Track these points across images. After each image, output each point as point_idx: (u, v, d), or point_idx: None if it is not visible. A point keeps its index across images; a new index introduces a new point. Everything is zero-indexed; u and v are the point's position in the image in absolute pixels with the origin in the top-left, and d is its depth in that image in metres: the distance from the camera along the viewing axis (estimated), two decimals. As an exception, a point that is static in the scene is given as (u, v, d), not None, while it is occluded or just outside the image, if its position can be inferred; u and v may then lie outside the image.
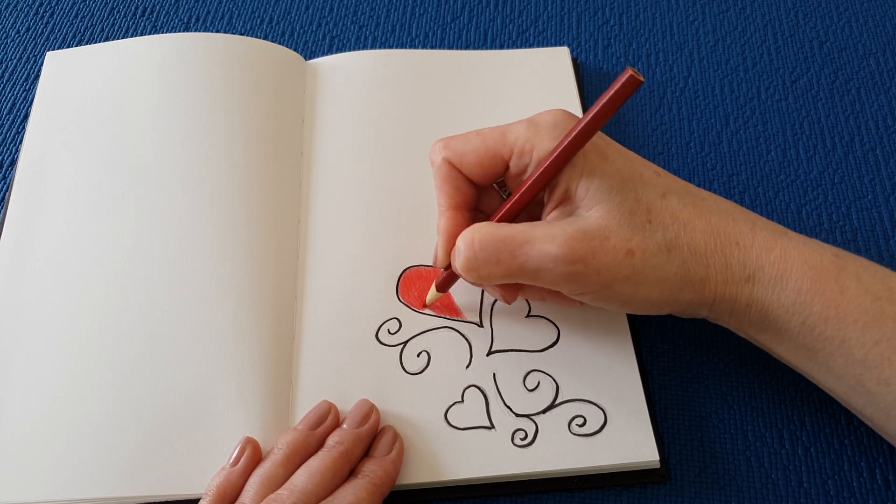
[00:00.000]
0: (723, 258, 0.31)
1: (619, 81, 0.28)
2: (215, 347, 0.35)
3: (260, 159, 0.41)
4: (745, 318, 0.32)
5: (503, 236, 0.31)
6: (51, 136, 0.43)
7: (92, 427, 0.34)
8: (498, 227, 0.32)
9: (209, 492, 0.31)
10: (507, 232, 0.31)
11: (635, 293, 0.31)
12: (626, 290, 0.31)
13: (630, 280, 0.31)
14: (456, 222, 0.34)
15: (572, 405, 0.35)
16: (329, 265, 0.39)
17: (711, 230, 0.31)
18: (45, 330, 0.36)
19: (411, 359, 0.36)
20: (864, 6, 0.53)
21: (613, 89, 0.28)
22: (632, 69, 0.28)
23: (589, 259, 0.30)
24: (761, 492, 0.34)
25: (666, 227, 0.31)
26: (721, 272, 0.31)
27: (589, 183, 0.31)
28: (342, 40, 0.51)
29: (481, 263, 0.32)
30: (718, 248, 0.31)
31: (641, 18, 0.53)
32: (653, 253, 0.30)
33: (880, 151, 0.46)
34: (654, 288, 0.31)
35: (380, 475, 0.31)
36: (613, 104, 0.29)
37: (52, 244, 0.39)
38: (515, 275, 0.31)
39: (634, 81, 0.28)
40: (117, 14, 0.53)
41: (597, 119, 0.29)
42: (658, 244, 0.31)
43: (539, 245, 0.30)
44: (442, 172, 0.34)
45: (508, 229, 0.31)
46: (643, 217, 0.31)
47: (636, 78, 0.28)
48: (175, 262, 0.38)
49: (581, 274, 0.30)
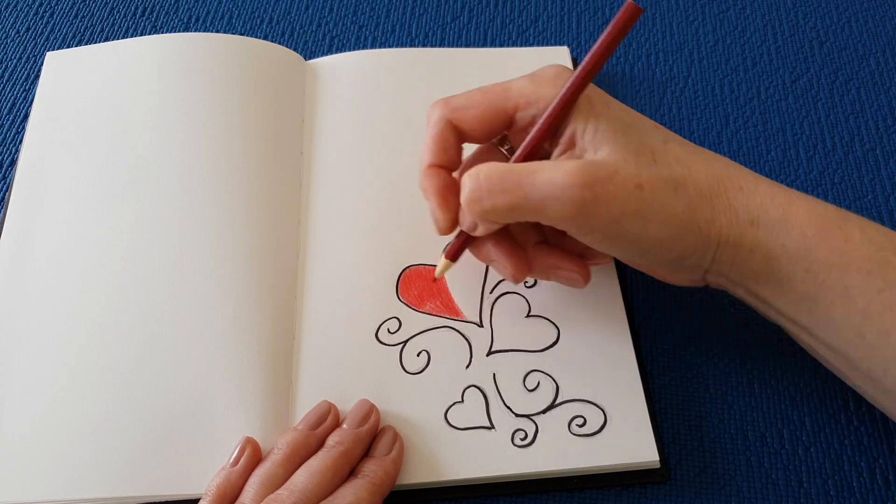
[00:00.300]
0: (727, 200, 0.31)
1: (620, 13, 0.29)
2: (215, 347, 0.35)
3: (260, 159, 0.41)
4: (746, 268, 0.31)
5: (510, 167, 0.31)
6: (51, 136, 0.43)
7: (92, 427, 0.34)
8: (506, 163, 0.31)
9: (209, 492, 0.31)
10: (514, 165, 0.31)
11: (644, 230, 0.30)
12: (635, 227, 0.30)
13: (639, 214, 0.30)
14: (442, 179, 0.33)
15: (572, 405, 0.35)
16: (329, 265, 0.39)
17: (714, 174, 0.31)
18: (46, 330, 0.36)
19: (411, 358, 0.36)
20: (864, 6, 0.53)
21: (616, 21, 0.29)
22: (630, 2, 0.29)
23: (597, 187, 0.29)
24: (761, 492, 0.34)
25: (671, 167, 0.31)
26: (725, 213, 0.31)
27: (596, 125, 0.31)
28: (342, 40, 0.51)
29: (486, 193, 0.30)
30: (722, 190, 0.31)
31: (641, 18, 0.53)
32: (660, 188, 0.30)
33: (880, 151, 0.46)
34: (662, 225, 0.30)
35: (380, 475, 0.31)
36: (617, 35, 0.30)
37: (52, 244, 0.39)
38: (521, 206, 0.30)
39: (635, 10, 0.29)
40: (117, 14, 0.53)
41: (601, 52, 0.30)
42: (665, 180, 0.31)
43: (547, 173, 0.30)
44: (436, 129, 0.33)
45: (513, 164, 0.31)
46: (648, 156, 0.31)
47: (636, 7, 0.28)
48: (175, 262, 0.38)
49: (589, 202, 0.29)
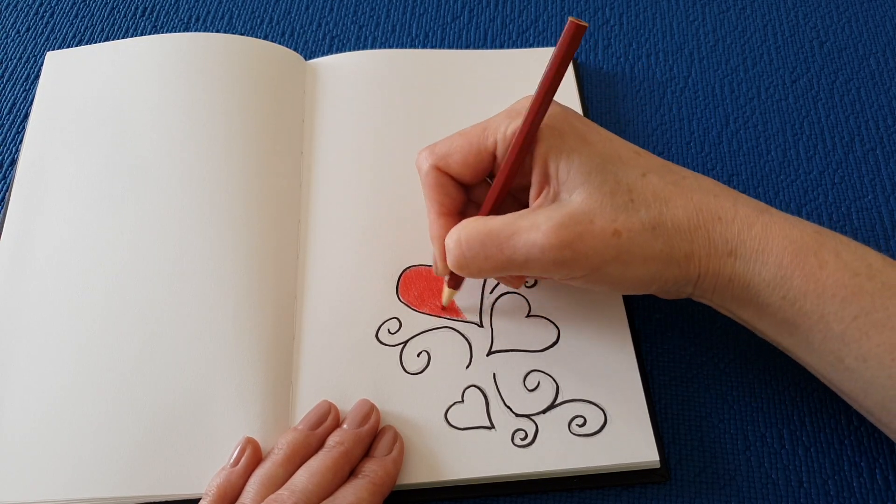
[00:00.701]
0: (706, 233, 0.31)
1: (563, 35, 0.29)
2: (215, 347, 0.35)
3: (260, 159, 0.41)
4: (727, 294, 0.32)
5: (488, 230, 0.32)
6: (51, 135, 0.43)
7: (92, 427, 0.34)
8: (484, 221, 0.32)
9: (209, 492, 0.31)
10: (492, 226, 0.32)
11: (624, 273, 0.31)
12: (615, 271, 0.31)
13: (618, 260, 0.31)
14: (447, 229, 0.34)
15: (572, 405, 0.35)
16: (329, 265, 0.39)
17: (693, 207, 0.31)
18: (46, 330, 0.36)
19: (411, 359, 0.36)
20: (864, 6, 0.53)
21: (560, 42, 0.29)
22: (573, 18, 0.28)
23: (576, 244, 0.30)
24: (761, 492, 0.34)
25: (648, 206, 0.31)
26: (704, 247, 0.31)
27: (569, 164, 0.31)
28: (342, 40, 0.51)
29: (471, 260, 0.32)
30: (701, 223, 0.31)
31: (641, 18, 0.53)
32: (638, 231, 0.31)
33: (880, 151, 0.46)
34: (641, 267, 0.31)
35: (380, 475, 0.31)
36: (563, 58, 0.29)
37: (52, 244, 0.39)
38: (506, 267, 0.32)
39: (577, 28, 0.28)
40: (117, 14, 0.53)
41: (549, 80, 0.30)
42: (642, 222, 0.31)
43: (525, 235, 0.31)
44: (430, 180, 0.34)
45: (494, 223, 0.32)
46: (625, 197, 0.31)
47: (578, 23, 0.28)
48: (175, 262, 0.38)
49: (569, 259, 0.30)
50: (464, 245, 0.32)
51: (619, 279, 0.32)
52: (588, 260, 0.30)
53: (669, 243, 0.31)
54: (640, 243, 0.31)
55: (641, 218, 0.31)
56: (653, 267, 0.31)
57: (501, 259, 0.31)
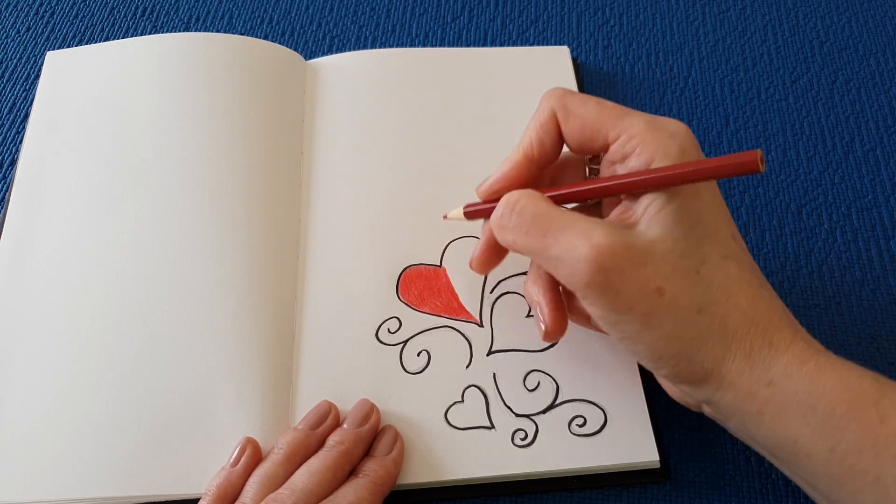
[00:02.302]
0: (748, 349, 0.28)
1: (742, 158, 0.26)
2: (215, 347, 0.35)
3: (260, 159, 0.41)
4: (753, 426, 0.28)
5: (546, 212, 0.29)
6: (51, 135, 0.43)
7: (92, 427, 0.34)
8: (547, 201, 0.30)
9: (209, 491, 0.31)
10: (551, 210, 0.29)
11: (642, 334, 0.28)
12: (633, 326, 0.28)
13: (645, 319, 0.28)
14: (520, 170, 0.32)
15: (572, 405, 0.35)
16: (329, 265, 0.39)
17: (752, 315, 0.28)
18: (46, 330, 0.36)
19: (411, 358, 0.36)
20: (864, 6, 0.53)
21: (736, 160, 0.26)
22: (760, 154, 0.25)
23: (613, 275, 0.27)
24: (761, 492, 0.34)
25: (710, 287, 0.28)
26: (740, 361, 0.28)
27: (664, 205, 0.28)
28: (342, 40, 0.51)
29: (512, 226, 0.30)
30: (749, 336, 0.28)
31: (641, 18, 0.53)
32: (682, 304, 0.27)
33: (880, 151, 0.46)
34: (661, 340, 0.28)
35: (381, 475, 0.31)
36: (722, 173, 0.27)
37: (52, 244, 0.39)
38: (537, 252, 0.29)
39: (753, 167, 0.25)
40: (117, 14, 0.53)
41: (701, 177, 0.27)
42: (692, 298, 0.28)
43: (573, 237, 0.28)
44: (540, 119, 0.32)
45: (554, 209, 0.29)
46: (693, 264, 0.28)
47: (757, 165, 0.25)
48: (175, 261, 0.38)
49: (598, 286, 0.27)
50: (516, 209, 0.30)
51: (635, 336, 0.29)
52: (617, 298, 0.27)
53: (704, 337, 0.28)
54: (677, 317, 0.28)
55: (694, 293, 0.28)
56: (674, 348, 0.28)
57: (538, 244, 0.29)
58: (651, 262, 0.27)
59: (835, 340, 0.38)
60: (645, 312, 0.28)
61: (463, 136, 0.44)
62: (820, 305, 0.40)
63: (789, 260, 0.41)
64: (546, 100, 0.32)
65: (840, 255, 0.41)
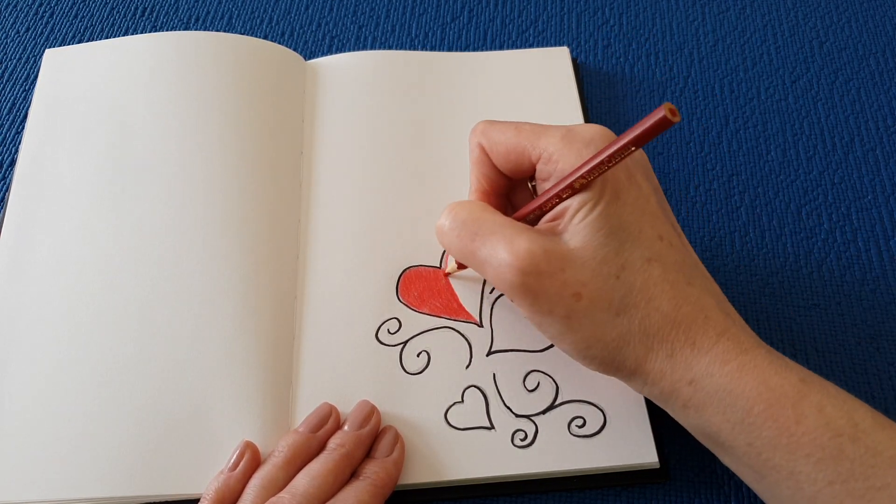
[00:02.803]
0: (669, 350, 0.29)
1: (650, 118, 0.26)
2: (215, 347, 0.35)
3: (259, 159, 0.41)
4: (681, 416, 0.30)
5: (476, 218, 0.31)
6: (50, 133, 0.43)
7: (92, 427, 0.34)
8: (483, 209, 0.32)
9: (207, 495, 0.31)
10: (483, 216, 0.31)
11: (564, 335, 0.30)
12: (555, 328, 0.30)
13: (565, 321, 0.29)
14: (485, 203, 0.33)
15: (572, 406, 0.35)
16: (329, 265, 0.39)
17: (674, 317, 0.29)
18: (45, 330, 0.36)
19: (411, 359, 0.36)
20: (864, 6, 0.53)
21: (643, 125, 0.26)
22: (668, 106, 0.25)
23: (531, 279, 0.29)
24: (761, 492, 0.34)
25: (629, 291, 0.29)
26: (661, 362, 0.29)
27: (587, 214, 0.29)
28: (342, 40, 0.51)
29: (446, 231, 0.32)
30: (670, 338, 0.29)
31: (641, 18, 0.53)
32: (600, 307, 0.29)
33: (880, 151, 0.46)
34: (583, 342, 0.29)
35: (381, 476, 0.31)
36: (638, 138, 0.27)
37: (50, 243, 0.39)
38: (467, 255, 0.31)
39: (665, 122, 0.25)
40: (117, 14, 0.53)
41: (615, 153, 0.27)
42: (610, 302, 0.29)
43: (497, 241, 0.30)
44: (473, 156, 0.34)
45: (488, 215, 0.31)
46: (613, 269, 0.29)
47: (668, 118, 0.25)
48: (174, 262, 0.38)
49: (517, 287, 0.29)
50: (451, 215, 0.32)
51: (557, 337, 0.30)
52: (536, 300, 0.29)
53: (625, 339, 0.29)
54: (596, 319, 0.29)
55: (613, 297, 0.29)
56: (596, 349, 0.29)
57: (468, 248, 0.31)
58: (570, 268, 0.29)
59: (835, 340, 0.38)
60: (564, 316, 0.29)
61: (463, 137, 0.43)
62: (820, 305, 0.40)
63: (789, 260, 0.41)
64: (472, 137, 0.34)
65: (840, 255, 0.41)
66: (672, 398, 0.29)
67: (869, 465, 0.26)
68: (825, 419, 0.27)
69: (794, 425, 0.27)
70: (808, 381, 0.28)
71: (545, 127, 0.32)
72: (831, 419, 0.27)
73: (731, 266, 0.41)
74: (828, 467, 0.26)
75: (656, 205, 0.31)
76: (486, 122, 0.34)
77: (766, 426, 0.27)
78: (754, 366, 0.28)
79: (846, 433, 0.26)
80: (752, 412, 0.27)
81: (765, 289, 0.40)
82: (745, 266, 0.41)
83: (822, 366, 0.38)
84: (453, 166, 0.42)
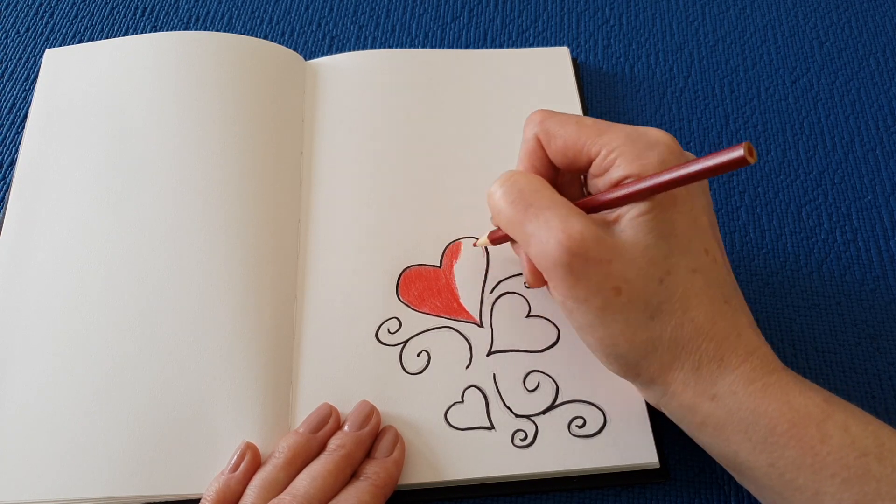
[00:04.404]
0: (696, 363, 0.29)
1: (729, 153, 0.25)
2: (215, 347, 0.35)
3: (259, 159, 0.41)
4: (696, 432, 0.30)
5: (534, 189, 0.30)
6: (50, 133, 0.43)
7: (92, 427, 0.34)
8: (541, 183, 0.31)
9: (208, 496, 0.31)
10: (541, 188, 0.30)
11: (594, 327, 0.29)
12: (586, 318, 0.29)
13: (598, 313, 0.29)
14: None
15: (572, 406, 0.35)
16: (329, 265, 0.39)
17: (706, 330, 0.29)
18: (44, 330, 0.36)
19: (411, 359, 0.36)
20: (864, 6, 0.53)
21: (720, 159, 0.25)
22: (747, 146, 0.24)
23: (577, 263, 0.28)
24: (761, 492, 0.34)
25: (669, 297, 0.28)
26: (686, 374, 0.29)
27: (643, 212, 0.29)
28: (342, 40, 0.51)
29: (500, 196, 0.31)
30: (699, 350, 0.29)
31: (641, 18, 0.53)
32: (637, 307, 0.28)
33: (880, 151, 0.46)
34: (611, 338, 0.29)
35: (382, 477, 0.31)
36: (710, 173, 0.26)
37: (51, 243, 0.39)
38: (514, 226, 0.30)
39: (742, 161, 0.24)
40: (117, 14, 0.53)
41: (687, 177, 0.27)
42: (647, 303, 0.28)
43: (551, 216, 0.29)
44: (528, 146, 0.33)
45: (544, 189, 0.30)
46: (658, 273, 0.28)
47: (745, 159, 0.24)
48: (174, 262, 0.38)
49: (562, 268, 0.28)
50: (508, 182, 0.31)
51: (585, 328, 0.30)
52: (576, 286, 0.28)
53: (654, 344, 0.29)
54: (629, 317, 0.29)
55: (651, 300, 0.28)
56: (623, 347, 0.29)
57: (518, 216, 0.30)
58: (617, 261, 0.28)
59: (835, 340, 0.38)
60: (599, 307, 0.29)
61: (463, 137, 0.44)
62: (820, 305, 0.40)
63: (789, 260, 0.41)
64: (529, 126, 0.33)
65: (840, 255, 0.41)
66: (691, 413, 0.29)
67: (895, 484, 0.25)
68: (850, 438, 0.26)
69: (818, 444, 0.26)
70: (832, 402, 0.28)
71: (608, 124, 0.31)
72: (857, 438, 0.26)
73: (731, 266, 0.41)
74: (854, 487, 0.26)
75: (707, 221, 0.31)
76: (543, 112, 0.33)
77: (789, 445, 0.27)
78: (779, 386, 0.28)
79: (872, 452, 0.26)
80: (776, 431, 0.27)
81: (765, 289, 0.40)
82: (745, 266, 0.41)
83: (822, 366, 0.38)
84: (454, 165, 0.42)
